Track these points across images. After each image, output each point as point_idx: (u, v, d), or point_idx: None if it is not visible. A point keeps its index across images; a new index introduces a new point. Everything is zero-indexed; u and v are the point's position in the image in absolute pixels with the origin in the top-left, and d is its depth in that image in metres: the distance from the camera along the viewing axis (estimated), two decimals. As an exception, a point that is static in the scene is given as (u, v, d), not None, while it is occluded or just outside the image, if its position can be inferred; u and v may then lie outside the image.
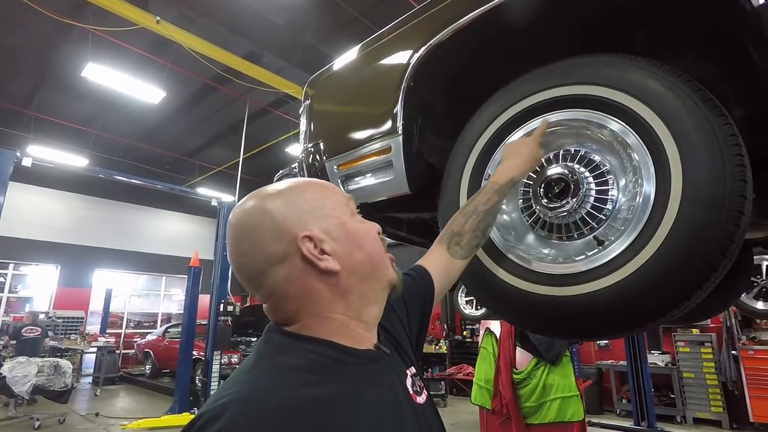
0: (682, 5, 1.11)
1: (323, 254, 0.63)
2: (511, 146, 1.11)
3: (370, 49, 1.47)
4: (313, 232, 0.64)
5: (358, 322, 0.66)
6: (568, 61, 1.09)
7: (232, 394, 0.53)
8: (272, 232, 0.64)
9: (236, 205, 0.69)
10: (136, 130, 10.73)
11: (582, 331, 1.01)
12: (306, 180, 0.74)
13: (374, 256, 0.69)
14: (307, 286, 0.63)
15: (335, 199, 0.70)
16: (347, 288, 0.65)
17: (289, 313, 0.64)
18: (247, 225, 0.65)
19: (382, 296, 0.71)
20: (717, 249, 0.83)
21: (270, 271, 0.64)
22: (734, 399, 6.32)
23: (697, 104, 0.88)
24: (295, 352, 0.61)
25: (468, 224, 1.00)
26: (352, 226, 0.68)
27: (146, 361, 10.70)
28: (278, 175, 1.85)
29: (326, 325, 0.64)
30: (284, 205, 0.65)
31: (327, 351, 0.61)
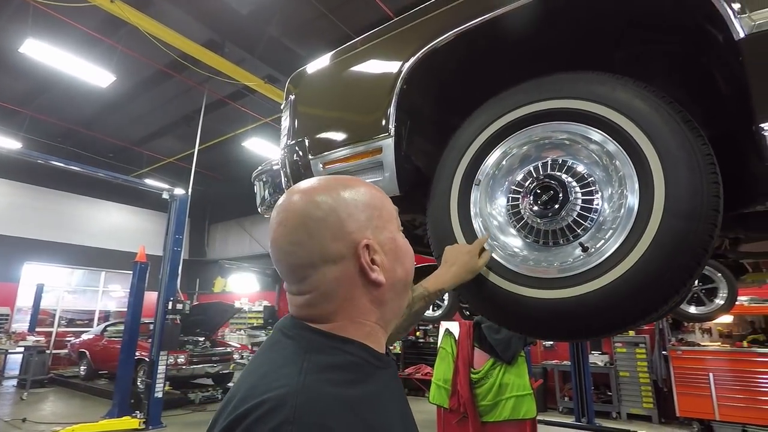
0: (661, 34, 1.21)
1: (374, 264, 0.64)
2: (452, 252, 1.14)
3: (363, 48, 1.47)
4: (372, 242, 0.64)
5: (384, 331, 0.69)
6: (559, 75, 1.15)
7: (284, 387, 0.53)
8: (335, 231, 0.63)
9: (300, 186, 0.68)
10: (79, 114, 10.02)
11: (568, 332, 1.06)
12: (364, 182, 0.73)
13: (410, 275, 0.71)
14: (352, 291, 0.64)
15: (390, 210, 0.71)
16: (385, 300, 0.67)
17: (327, 311, 0.64)
18: (311, 215, 0.64)
19: (401, 313, 0.75)
20: (693, 258, 0.91)
21: (322, 267, 0.63)
22: (663, 396, 6.85)
23: (679, 124, 0.96)
24: (331, 351, 0.61)
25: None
26: (400, 242, 0.69)
27: (81, 362, 9.99)
28: (256, 171, 1.80)
29: (360, 330, 0.64)
30: (352, 206, 0.65)
31: (361, 353, 0.63)
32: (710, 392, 6.24)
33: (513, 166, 1.20)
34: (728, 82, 1.14)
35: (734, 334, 6.73)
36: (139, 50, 7.63)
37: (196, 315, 8.65)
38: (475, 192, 1.22)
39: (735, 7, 0.87)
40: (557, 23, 1.20)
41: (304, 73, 1.67)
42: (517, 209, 1.16)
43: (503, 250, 1.16)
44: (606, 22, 1.21)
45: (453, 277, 1.10)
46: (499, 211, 1.21)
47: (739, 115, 1.09)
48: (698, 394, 6.34)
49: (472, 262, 1.11)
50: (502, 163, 1.21)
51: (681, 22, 1.14)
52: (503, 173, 1.21)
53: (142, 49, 7.46)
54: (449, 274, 1.11)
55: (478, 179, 1.22)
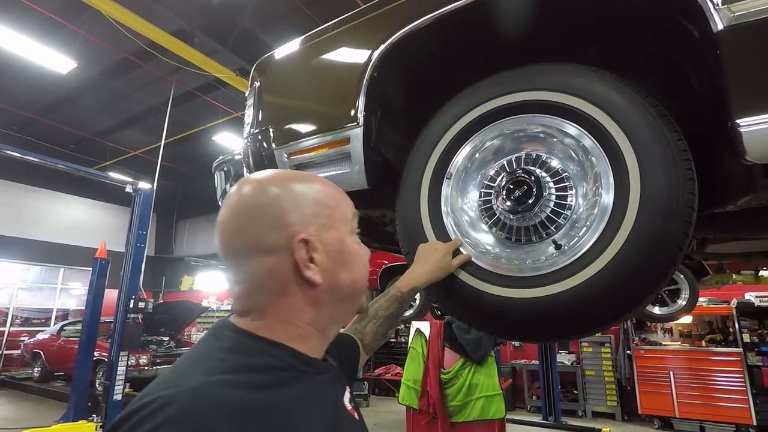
0: (636, 30, 1.19)
1: (311, 263, 0.62)
2: (426, 249, 1.10)
3: (331, 33, 1.39)
4: (311, 238, 0.62)
5: (320, 335, 0.66)
6: (535, 67, 1.11)
7: (179, 386, 0.50)
8: (274, 221, 0.62)
9: (254, 175, 0.68)
10: (38, 101, 9.51)
11: (539, 334, 1.02)
12: (322, 179, 0.71)
13: (358, 282, 0.68)
14: (286, 286, 0.62)
15: (344, 211, 0.69)
16: (321, 302, 0.64)
17: (259, 305, 0.62)
18: (255, 201, 0.63)
19: (346, 319, 0.72)
20: (668, 256, 0.87)
21: (257, 256, 0.61)
22: (626, 394, 7.04)
23: (655, 118, 0.93)
24: (251, 352, 0.59)
25: (368, 327, 1.04)
26: (349, 246, 0.67)
27: (35, 363, 9.48)
28: (217, 161, 1.70)
29: (289, 331, 0.62)
30: (299, 198, 0.64)
31: (285, 356, 0.60)
32: (670, 390, 6.45)
33: (486, 159, 1.16)
34: (702, 79, 1.12)
35: (693, 334, 6.98)
36: (103, 36, 7.28)
37: (160, 314, 8.34)
38: (446, 186, 1.17)
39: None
40: (533, 16, 1.16)
41: (270, 60, 1.58)
42: (490, 204, 1.12)
43: (474, 247, 1.11)
44: (582, 17, 1.18)
45: (426, 275, 1.06)
46: (470, 206, 1.16)
47: (713, 112, 1.07)
48: (659, 392, 6.55)
49: (446, 260, 1.07)
50: (474, 157, 1.16)
51: (656, 16, 1.11)
52: (476, 167, 1.17)
53: (107, 35, 7.12)
54: (422, 271, 1.07)
55: (450, 173, 1.17)
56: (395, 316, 1.07)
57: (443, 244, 1.10)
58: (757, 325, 6.35)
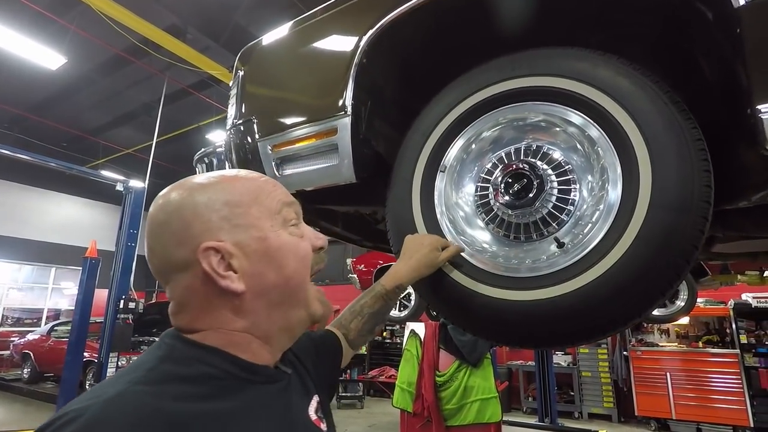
0: (642, 15, 1.11)
1: (228, 270, 0.57)
2: (412, 242, 1.02)
3: (318, 19, 1.31)
4: (222, 244, 0.57)
5: (262, 342, 0.61)
6: (535, 51, 1.03)
7: (96, 398, 0.47)
8: (178, 236, 0.57)
9: (163, 191, 0.63)
10: (29, 98, 9.37)
11: (540, 340, 0.94)
12: (239, 176, 0.64)
13: (293, 279, 0.62)
14: (208, 300, 0.58)
15: (266, 204, 0.62)
16: (252, 310, 0.59)
17: (188, 321, 0.59)
18: (157, 221, 0.59)
19: (297, 328, 0.66)
20: (682, 255, 0.80)
21: (173, 276, 0.58)
22: (623, 395, 6.99)
23: (667, 105, 0.85)
24: (186, 361, 0.55)
25: (354, 323, 0.99)
26: (275, 242, 0.61)
27: (24, 364, 9.34)
28: (199, 154, 1.61)
29: (225, 339, 0.58)
30: (201, 205, 0.58)
31: (222, 364, 0.56)
32: (667, 392, 6.40)
33: (483, 151, 1.08)
34: (714, 66, 1.05)
35: (690, 335, 6.94)
36: (94, 32, 7.14)
37: (152, 314, 8.22)
38: (440, 180, 1.08)
39: (735, -31, 0.77)
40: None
41: (254, 48, 1.49)
42: (487, 199, 1.03)
43: (470, 245, 1.03)
44: (585, 1, 1.11)
45: (410, 271, 0.98)
46: (466, 201, 1.08)
47: (727, 101, 1.00)
48: (656, 394, 6.50)
49: (432, 255, 0.98)
50: (470, 148, 1.08)
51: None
52: (472, 159, 1.09)
53: (98, 31, 6.99)
54: (406, 267, 0.98)
55: (444, 165, 1.09)
56: (381, 314, 1.00)
57: (430, 237, 1.02)
58: (755, 326, 6.32)
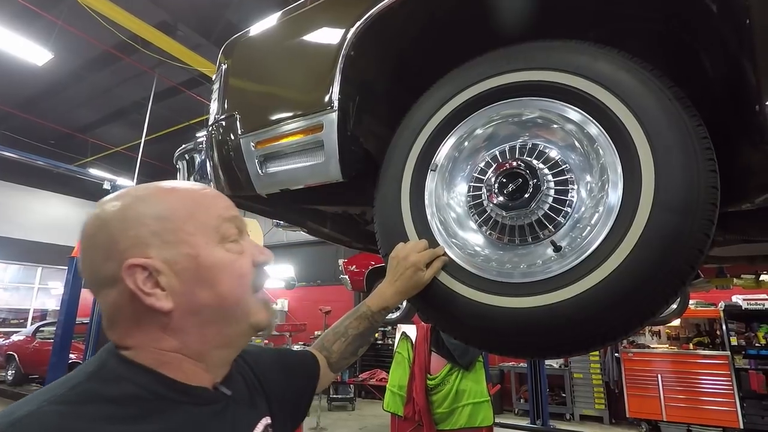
0: (643, 8, 1.06)
1: (155, 288, 0.55)
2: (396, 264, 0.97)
3: (303, 10, 1.25)
4: (149, 261, 0.55)
5: (195, 361, 0.59)
6: (532, 44, 0.97)
7: (10, 416, 0.46)
8: (105, 251, 0.56)
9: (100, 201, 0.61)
10: (15, 95, 9.18)
11: (536, 349, 0.89)
12: (176, 188, 0.62)
13: (228, 298, 0.59)
14: (136, 318, 0.56)
15: (202, 219, 0.60)
16: (182, 328, 0.57)
17: (117, 337, 0.57)
18: (86, 234, 0.58)
19: (237, 342, 0.64)
20: (687, 260, 0.75)
21: (101, 291, 0.57)
22: (614, 397, 6.99)
23: (671, 101, 0.80)
24: (114, 379, 0.53)
25: (336, 345, 0.97)
26: (208, 260, 0.58)
27: (9, 366, 9.16)
28: (179, 150, 1.54)
29: (155, 358, 0.56)
30: (130, 219, 0.56)
31: (151, 384, 0.54)
32: (658, 393, 6.41)
33: (476, 149, 1.02)
34: (718, 62, 1.00)
35: (681, 336, 6.95)
36: (83, 28, 7.00)
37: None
38: (430, 179, 1.03)
39: (746, -44, 0.72)
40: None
41: (237, 41, 1.43)
42: (480, 200, 0.98)
43: (461, 248, 0.98)
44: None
45: (396, 294, 0.97)
46: (458, 202, 1.02)
47: (732, 98, 0.95)
48: (647, 395, 6.50)
49: (416, 277, 0.94)
50: (463, 146, 1.03)
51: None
52: (464, 157, 1.03)
53: (86, 26, 6.85)
54: (392, 289, 0.96)
55: (435, 164, 1.03)
56: (366, 335, 0.99)
57: (415, 256, 0.95)
58: (744, 328, 6.33)
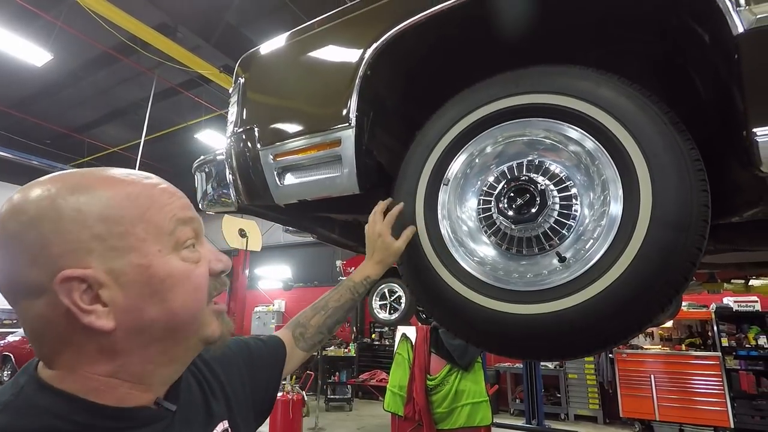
0: (641, 33, 1.14)
1: (95, 303, 0.46)
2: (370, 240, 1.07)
3: (322, 29, 1.31)
4: (90, 272, 0.45)
5: (133, 384, 0.51)
6: (538, 68, 1.05)
7: None
8: (33, 255, 0.45)
9: (21, 188, 0.50)
10: (11, 94, 9.15)
11: (541, 352, 0.96)
12: (125, 180, 0.51)
13: (181, 314, 0.51)
14: (66, 337, 0.47)
15: (156, 221, 0.50)
16: (123, 350, 0.49)
17: (43, 355, 0.49)
18: (6, 228, 0.46)
19: (184, 357, 0.56)
20: (681, 272, 0.82)
21: (22, 301, 0.47)
22: (608, 397, 7.10)
23: (667, 125, 0.88)
24: (28, 410, 0.45)
25: (315, 319, 0.97)
26: (161, 271, 0.49)
27: (4, 367, 9.15)
28: (197, 161, 1.60)
29: (82, 383, 0.48)
30: (67, 218, 0.46)
31: (74, 413, 0.46)
32: (651, 393, 6.52)
33: (486, 165, 1.09)
34: (708, 85, 1.08)
35: (674, 337, 7.08)
36: (82, 29, 7.02)
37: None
38: (443, 193, 1.10)
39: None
40: (534, 16, 1.10)
41: (255, 55, 1.49)
42: (489, 213, 1.05)
43: (472, 258, 1.05)
44: (588, 17, 1.14)
45: (375, 265, 1.05)
46: (469, 215, 1.10)
47: (721, 120, 1.03)
48: (640, 396, 6.61)
49: (387, 245, 1.04)
50: (474, 162, 1.10)
51: (663, 19, 1.07)
52: (475, 173, 1.10)
53: (86, 27, 6.87)
54: (371, 261, 1.05)
55: (447, 179, 1.10)
56: (346, 309, 1.02)
57: (381, 226, 1.07)
58: (735, 330, 6.47)
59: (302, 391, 5.70)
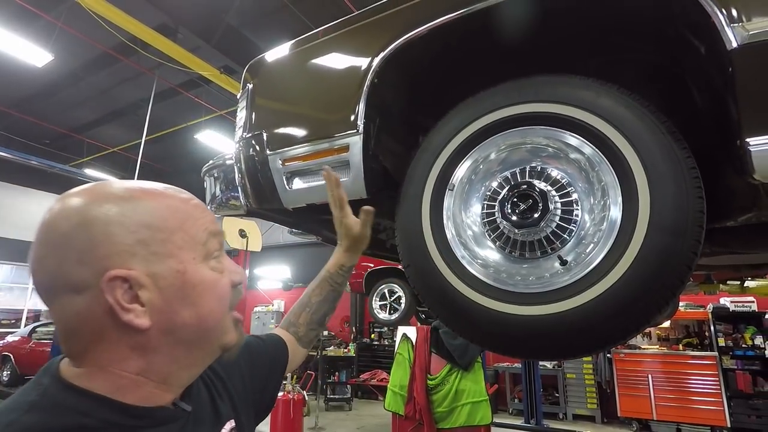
0: (640, 42, 1.18)
1: (134, 303, 0.50)
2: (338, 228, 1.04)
3: (329, 37, 1.35)
4: (132, 273, 0.50)
5: (157, 383, 0.54)
6: (540, 78, 1.08)
7: None
8: (81, 253, 0.49)
9: (68, 192, 0.54)
10: (10, 94, 9.15)
11: (544, 352, 1.00)
12: (165, 193, 0.56)
13: (208, 319, 0.56)
14: (102, 333, 0.50)
15: (192, 232, 0.56)
16: (154, 348, 0.53)
17: (75, 352, 0.52)
18: (57, 228, 0.51)
19: (204, 362, 0.60)
20: (678, 276, 0.86)
21: (63, 296, 0.50)
22: (606, 396, 7.15)
23: (665, 135, 0.92)
24: (55, 409, 0.48)
25: (302, 317, 0.99)
26: (194, 278, 0.54)
27: (4, 367, 9.14)
28: (207, 166, 1.64)
29: (110, 381, 0.51)
30: (115, 223, 0.51)
31: (101, 413, 0.49)
32: (649, 393, 6.57)
33: (490, 171, 1.13)
34: (704, 94, 1.12)
35: (671, 337, 7.14)
36: (83, 29, 7.04)
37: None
38: (448, 198, 1.14)
39: (729, 15, 0.83)
40: (538, 25, 1.14)
41: (263, 62, 1.53)
42: (493, 218, 1.09)
43: (476, 260, 1.09)
44: (588, 27, 1.17)
45: (345, 252, 1.04)
46: (473, 220, 1.13)
47: (716, 128, 1.07)
48: (638, 395, 6.66)
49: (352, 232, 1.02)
50: (478, 168, 1.14)
51: (661, 30, 1.11)
52: (479, 179, 1.14)
53: (86, 28, 6.89)
54: (341, 249, 1.04)
55: (453, 184, 1.14)
56: (330, 300, 1.02)
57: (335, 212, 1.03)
58: (732, 330, 6.52)
59: (303, 391, 5.74)
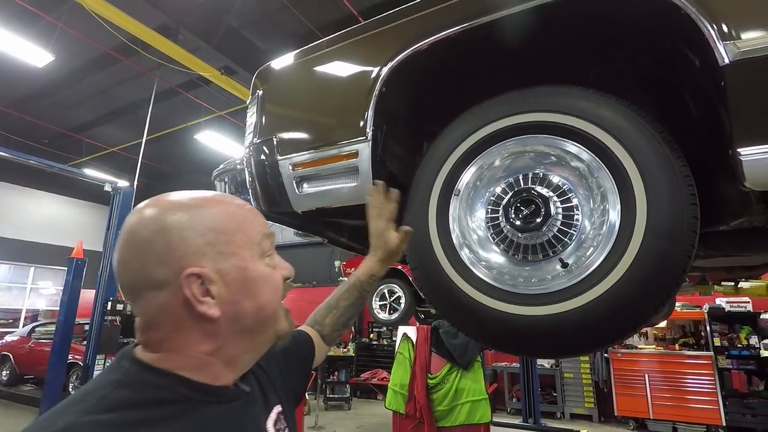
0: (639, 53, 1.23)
1: (206, 296, 0.58)
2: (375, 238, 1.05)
3: (337, 46, 1.39)
4: (204, 270, 0.58)
5: (224, 364, 0.62)
6: (543, 88, 1.13)
7: (47, 428, 0.48)
8: (161, 255, 0.57)
9: (144, 203, 0.62)
10: (10, 94, 9.16)
11: (546, 350, 1.05)
12: (224, 201, 0.65)
13: (266, 309, 0.64)
14: (179, 322, 0.58)
15: (249, 234, 0.64)
16: (223, 335, 0.61)
17: (154, 340, 0.60)
18: (139, 236, 0.58)
19: (263, 347, 0.68)
20: (673, 278, 0.91)
21: (146, 293, 0.58)
22: (603, 396, 7.22)
23: (661, 144, 0.97)
24: (139, 385, 0.56)
25: (329, 318, 1.04)
26: (254, 273, 0.62)
27: (3, 366, 9.12)
28: (217, 170, 1.68)
29: (187, 362, 0.59)
30: (186, 228, 0.59)
31: (177, 387, 0.57)
32: (645, 392, 6.64)
33: (494, 177, 1.18)
34: (698, 104, 1.17)
35: (667, 337, 7.20)
36: (83, 30, 7.06)
37: (139, 316, 8.12)
38: (454, 203, 1.18)
39: (721, 32, 0.88)
40: (540, 37, 1.19)
41: (273, 69, 1.57)
42: (497, 222, 1.14)
43: (481, 263, 1.14)
44: (588, 38, 1.22)
45: (379, 263, 1.06)
46: (478, 224, 1.18)
47: (709, 137, 1.12)
48: (635, 394, 6.73)
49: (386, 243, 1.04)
50: (483, 174, 1.18)
51: (660, 42, 1.16)
52: (484, 184, 1.19)
53: (87, 29, 6.91)
54: (374, 258, 1.06)
55: (458, 189, 1.19)
56: (356, 306, 1.06)
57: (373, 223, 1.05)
58: (727, 330, 6.59)
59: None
